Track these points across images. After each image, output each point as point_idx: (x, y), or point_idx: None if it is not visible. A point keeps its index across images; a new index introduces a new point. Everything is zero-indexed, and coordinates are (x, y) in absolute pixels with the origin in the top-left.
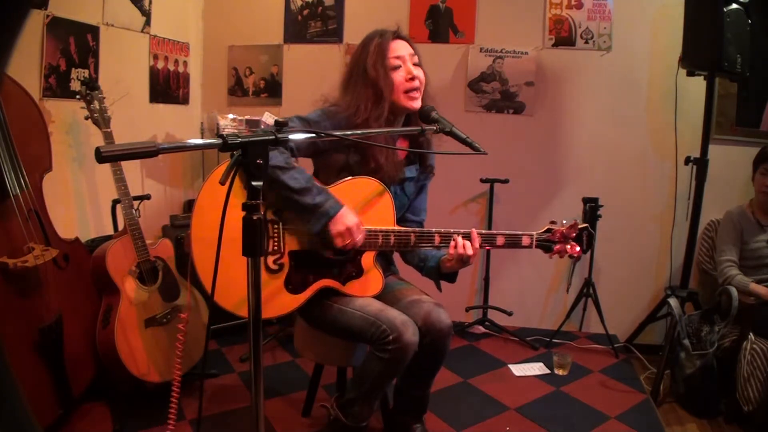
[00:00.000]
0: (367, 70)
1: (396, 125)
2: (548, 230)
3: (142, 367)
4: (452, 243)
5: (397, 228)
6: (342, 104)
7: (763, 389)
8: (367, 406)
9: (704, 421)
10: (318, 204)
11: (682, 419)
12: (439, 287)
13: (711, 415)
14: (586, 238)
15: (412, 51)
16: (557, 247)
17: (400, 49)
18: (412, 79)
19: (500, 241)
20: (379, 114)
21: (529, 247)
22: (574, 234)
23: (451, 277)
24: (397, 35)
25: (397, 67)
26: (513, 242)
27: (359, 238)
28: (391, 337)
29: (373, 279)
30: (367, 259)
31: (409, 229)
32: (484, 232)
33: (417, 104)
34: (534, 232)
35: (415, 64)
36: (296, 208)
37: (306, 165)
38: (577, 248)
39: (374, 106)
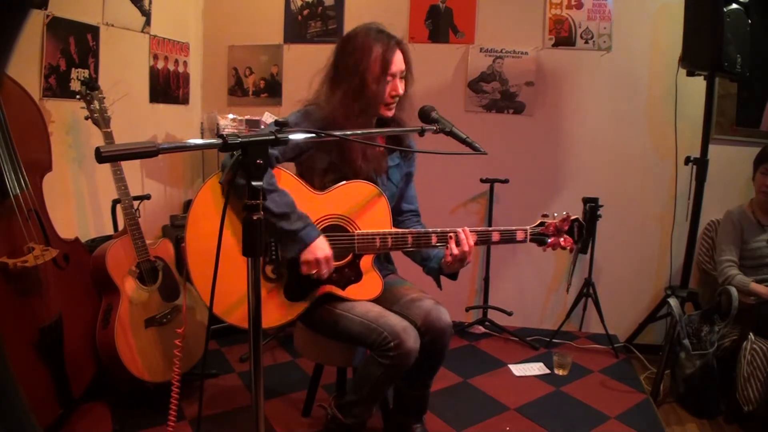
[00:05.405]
0: (366, 82)
1: (371, 126)
2: (541, 224)
3: (142, 367)
4: (449, 245)
5: (394, 230)
6: (325, 104)
7: (763, 389)
8: (367, 410)
9: (704, 421)
10: (295, 230)
11: (682, 419)
12: (439, 286)
13: (711, 415)
14: (577, 229)
15: (404, 67)
16: (551, 240)
17: (398, 63)
18: (395, 96)
19: (495, 236)
20: (363, 122)
21: (524, 241)
22: (567, 227)
23: (453, 276)
24: (398, 45)
25: (388, 82)
26: (508, 238)
27: (325, 271)
28: (392, 344)
29: (372, 282)
30: (366, 262)
31: (407, 230)
32: (479, 229)
33: (391, 113)
34: (528, 227)
35: (401, 78)
36: (273, 230)
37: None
38: (570, 241)
39: (361, 114)
